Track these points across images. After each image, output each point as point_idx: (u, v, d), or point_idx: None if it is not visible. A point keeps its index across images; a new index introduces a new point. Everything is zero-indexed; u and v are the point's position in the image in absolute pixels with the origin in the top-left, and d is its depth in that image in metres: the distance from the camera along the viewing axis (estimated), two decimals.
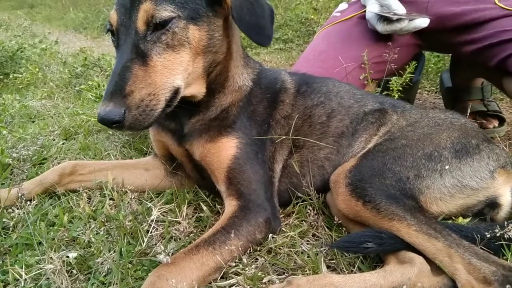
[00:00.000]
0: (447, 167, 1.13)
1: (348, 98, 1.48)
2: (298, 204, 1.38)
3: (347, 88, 1.53)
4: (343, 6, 2.16)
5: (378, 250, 1.04)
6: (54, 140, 2.03)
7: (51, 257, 1.06)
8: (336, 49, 1.96)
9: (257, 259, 1.14)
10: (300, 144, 1.38)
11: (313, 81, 1.52)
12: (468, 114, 2.04)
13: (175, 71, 1.11)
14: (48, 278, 1.04)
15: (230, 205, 1.20)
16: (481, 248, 0.98)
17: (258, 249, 1.17)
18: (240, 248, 1.07)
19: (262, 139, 1.33)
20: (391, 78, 1.92)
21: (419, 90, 2.78)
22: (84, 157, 1.81)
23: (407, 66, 1.89)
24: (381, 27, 1.80)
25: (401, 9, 1.75)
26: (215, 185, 1.29)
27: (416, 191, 1.10)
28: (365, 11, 1.95)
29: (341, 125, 1.41)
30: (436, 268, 0.99)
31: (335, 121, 1.42)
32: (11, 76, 3.28)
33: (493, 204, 1.14)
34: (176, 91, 1.12)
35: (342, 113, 1.43)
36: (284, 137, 1.36)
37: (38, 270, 1.06)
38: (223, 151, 1.25)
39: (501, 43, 1.65)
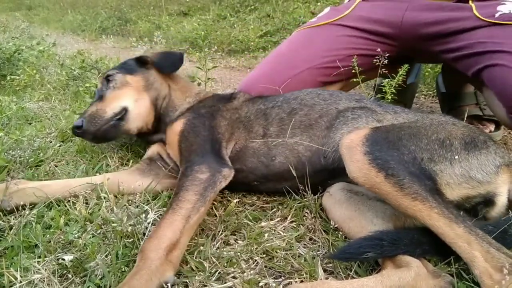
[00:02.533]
0: (456, 157, 1.12)
1: (311, 98, 1.53)
2: (295, 206, 1.38)
3: (308, 91, 1.60)
4: (326, 10, 2.17)
5: (378, 257, 1.04)
6: (51, 142, 2.02)
7: (42, 262, 1.06)
8: (292, 52, 2.01)
9: (254, 260, 1.14)
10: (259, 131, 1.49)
11: (267, 96, 1.69)
12: (465, 118, 2.05)
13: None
14: (43, 280, 1.04)
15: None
16: None
17: (254, 250, 1.17)
18: (194, 194, 1.19)
19: (212, 112, 1.56)
20: (383, 80, 1.93)
21: (415, 95, 2.78)
22: (81, 159, 1.81)
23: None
24: None
25: None
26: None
27: (432, 172, 1.09)
28: (338, 18, 1.98)
29: (306, 119, 1.46)
30: (432, 271, 1.00)
31: (298, 117, 1.47)
32: (8, 78, 3.27)
33: (489, 202, 1.15)
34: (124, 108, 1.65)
35: (305, 110, 1.48)
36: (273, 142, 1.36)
37: (34, 273, 1.05)
38: (174, 131, 1.50)
39: (476, 55, 1.65)
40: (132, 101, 1.67)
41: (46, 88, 3.08)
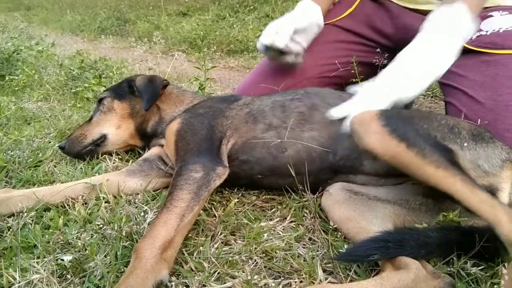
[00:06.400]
0: (465, 144, 1.14)
1: (332, 98, 1.52)
2: (294, 206, 1.38)
3: (330, 91, 1.61)
4: None
5: (384, 258, 1.02)
6: (50, 142, 2.02)
7: (41, 262, 1.05)
8: None
9: (253, 260, 1.13)
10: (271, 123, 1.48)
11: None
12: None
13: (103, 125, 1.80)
14: (42, 281, 1.03)
15: None
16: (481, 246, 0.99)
17: (254, 250, 1.17)
18: (188, 193, 1.19)
19: (213, 112, 1.54)
20: None
21: None
22: (80, 160, 1.80)
23: None
24: (270, 55, 1.84)
25: (281, 43, 1.72)
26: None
27: (447, 147, 1.11)
28: (339, 19, 1.96)
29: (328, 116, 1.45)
30: (431, 272, 0.99)
31: (318, 114, 1.46)
32: (7, 78, 3.26)
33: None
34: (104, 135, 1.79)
35: (328, 108, 1.47)
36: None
37: (33, 273, 1.05)
38: (171, 130, 1.51)
39: (444, 85, 1.65)
40: (113, 129, 1.80)
41: (45, 88, 3.07)
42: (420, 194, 1.26)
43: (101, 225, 1.21)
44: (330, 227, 1.25)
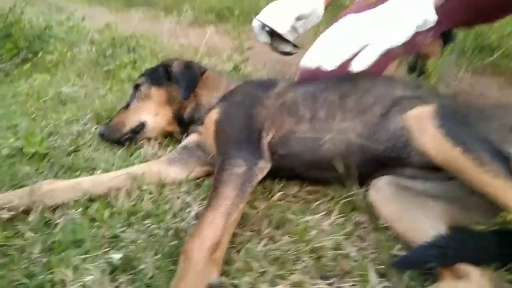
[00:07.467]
0: None
1: (365, 82, 1.47)
2: (340, 200, 1.34)
3: (362, 74, 1.51)
4: None
5: (441, 266, 0.98)
6: (86, 125, 2.02)
7: (91, 260, 1.06)
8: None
9: (302, 259, 1.11)
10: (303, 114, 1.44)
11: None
12: None
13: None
14: (95, 282, 1.03)
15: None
16: None
17: (302, 248, 1.14)
18: (233, 189, 1.16)
19: (249, 100, 1.50)
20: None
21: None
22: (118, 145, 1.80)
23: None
24: (263, 38, 1.76)
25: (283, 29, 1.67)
26: None
27: (506, 155, 1.02)
28: None
29: (360, 103, 1.40)
30: (494, 283, 0.94)
31: (350, 101, 1.41)
32: (39, 55, 3.26)
33: None
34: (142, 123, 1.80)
35: (359, 94, 1.42)
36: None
37: (86, 275, 1.04)
38: (210, 119, 1.48)
39: None
40: (151, 116, 1.80)
41: (77, 66, 3.06)
42: (474, 192, 1.20)
43: (148, 224, 1.20)
44: (380, 224, 1.20)
